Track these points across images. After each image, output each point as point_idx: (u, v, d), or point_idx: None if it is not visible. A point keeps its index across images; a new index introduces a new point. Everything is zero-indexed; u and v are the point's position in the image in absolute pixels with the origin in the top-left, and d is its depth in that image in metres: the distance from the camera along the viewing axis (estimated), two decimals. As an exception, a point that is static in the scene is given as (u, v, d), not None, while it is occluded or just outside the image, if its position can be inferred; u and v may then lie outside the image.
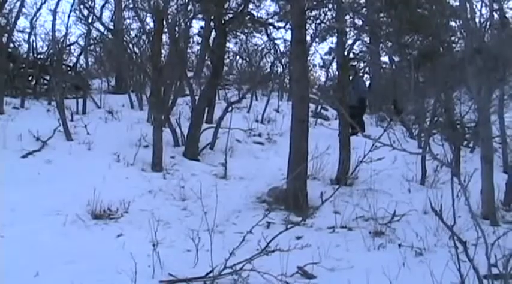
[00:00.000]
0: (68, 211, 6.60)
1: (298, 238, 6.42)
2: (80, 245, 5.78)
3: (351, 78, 12.56)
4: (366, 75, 21.38)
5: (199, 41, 19.23)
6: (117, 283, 4.81)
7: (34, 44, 14.99)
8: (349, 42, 11.97)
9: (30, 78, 14.68)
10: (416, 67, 14.03)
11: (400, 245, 6.09)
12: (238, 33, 18.24)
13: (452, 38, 14.45)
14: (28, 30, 14.81)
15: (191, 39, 18.80)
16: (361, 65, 21.38)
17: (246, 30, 17.83)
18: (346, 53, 10.23)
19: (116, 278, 4.90)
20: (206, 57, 16.94)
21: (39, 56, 15.15)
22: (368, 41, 18.07)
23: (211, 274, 4.93)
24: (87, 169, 8.63)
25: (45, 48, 15.81)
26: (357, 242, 6.33)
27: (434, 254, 5.79)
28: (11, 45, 14.31)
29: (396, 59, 18.69)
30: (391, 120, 13.49)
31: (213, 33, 13.47)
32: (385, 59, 20.59)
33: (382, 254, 6.04)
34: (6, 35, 13.22)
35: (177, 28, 13.34)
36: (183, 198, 8.10)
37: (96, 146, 9.99)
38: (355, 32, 13.31)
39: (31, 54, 14.79)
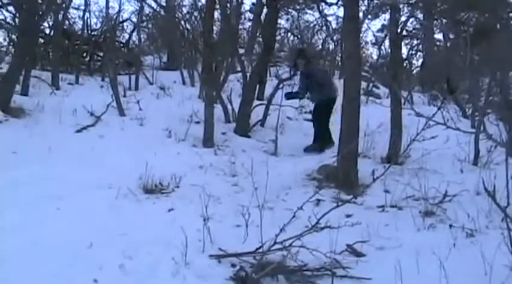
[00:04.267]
0: (120, 185, 6.69)
1: (348, 216, 6.38)
2: (132, 218, 5.88)
3: (298, 69, 10.86)
4: (419, 53, 21.04)
5: (251, 18, 19.22)
6: (167, 256, 4.87)
7: (88, 21, 15.39)
8: (403, 19, 11.76)
9: (84, 54, 15.03)
10: (471, 44, 13.73)
11: (450, 226, 5.98)
12: (290, 10, 18.16)
13: (510, 14, 14.05)
14: (83, 7, 15.19)
15: (243, 16, 18.84)
16: (415, 42, 21.05)
17: (297, 7, 17.73)
18: (399, 30, 10.03)
19: (166, 251, 4.97)
20: (257, 34, 16.92)
21: (93, 33, 15.50)
22: (422, 18, 17.70)
23: (260, 250, 4.94)
24: (139, 144, 8.78)
25: (99, 25, 16.19)
26: (407, 222, 6.25)
27: (485, 236, 5.65)
28: (67, 22, 14.61)
29: (451, 36, 18.30)
30: (445, 98, 13.20)
31: (265, 10, 13.44)
32: (439, 36, 20.21)
33: (432, 234, 5.95)
34: (62, 12, 13.47)
35: (228, 5, 13.35)
36: (234, 173, 8.13)
37: (148, 122, 10.15)
38: (409, 8, 13.07)
39: (85, 31, 15.11)
